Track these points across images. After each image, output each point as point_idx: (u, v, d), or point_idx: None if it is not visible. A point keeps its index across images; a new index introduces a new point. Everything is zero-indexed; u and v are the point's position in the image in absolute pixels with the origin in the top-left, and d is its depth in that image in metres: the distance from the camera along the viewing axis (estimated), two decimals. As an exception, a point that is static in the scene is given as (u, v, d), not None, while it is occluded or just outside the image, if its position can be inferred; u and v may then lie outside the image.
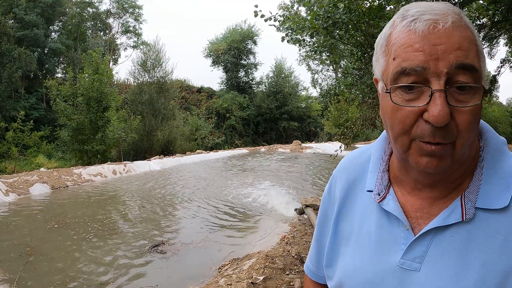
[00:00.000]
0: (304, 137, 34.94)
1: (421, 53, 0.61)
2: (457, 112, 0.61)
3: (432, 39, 0.60)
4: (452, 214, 0.67)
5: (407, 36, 0.63)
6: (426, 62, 0.60)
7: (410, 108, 0.63)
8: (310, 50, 7.08)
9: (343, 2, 5.16)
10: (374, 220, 0.77)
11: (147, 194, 9.62)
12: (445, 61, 0.60)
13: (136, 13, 36.29)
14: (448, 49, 0.60)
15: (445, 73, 0.60)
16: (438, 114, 0.59)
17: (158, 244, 5.74)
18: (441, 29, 0.61)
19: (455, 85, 0.60)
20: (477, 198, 0.67)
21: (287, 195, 9.42)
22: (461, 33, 0.61)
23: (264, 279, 3.84)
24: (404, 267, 0.70)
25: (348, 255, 0.81)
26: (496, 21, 9.93)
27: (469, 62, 0.60)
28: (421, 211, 0.72)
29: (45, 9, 25.84)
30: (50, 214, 7.48)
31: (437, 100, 0.59)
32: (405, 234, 0.71)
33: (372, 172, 0.81)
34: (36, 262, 5.01)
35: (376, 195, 0.77)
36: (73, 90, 17.27)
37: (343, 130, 7.64)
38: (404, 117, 0.63)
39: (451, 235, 0.67)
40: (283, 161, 17.40)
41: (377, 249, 0.75)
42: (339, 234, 0.85)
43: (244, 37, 35.60)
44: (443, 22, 0.61)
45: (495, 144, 0.72)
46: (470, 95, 0.61)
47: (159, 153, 20.59)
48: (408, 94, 0.63)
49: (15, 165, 16.22)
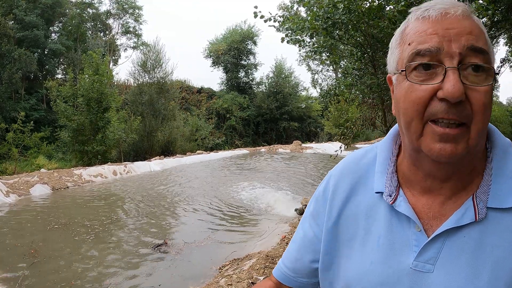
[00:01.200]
0: (304, 137, 34.89)
1: (435, 36, 0.64)
2: (471, 91, 0.62)
3: (445, 24, 0.65)
4: (465, 215, 0.67)
5: (421, 24, 0.67)
6: (440, 43, 0.63)
7: (424, 87, 0.64)
8: (310, 51, 7.09)
9: (342, 2, 5.17)
10: (383, 222, 0.76)
11: (148, 195, 9.63)
12: (457, 42, 0.63)
13: (136, 14, 36.25)
14: (460, 32, 0.64)
15: (458, 53, 0.63)
16: (453, 89, 0.61)
17: (161, 244, 5.76)
18: (452, 16, 0.65)
19: (468, 65, 0.63)
20: (488, 198, 0.68)
21: (287, 195, 9.43)
22: (471, 21, 0.66)
23: (264, 279, 3.84)
24: (417, 269, 0.70)
25: (354, 258, 0.79)
26: (496, 20, 9.93)
27: (480, 45, 0.64)
28: (433, 211, 0.72)
29: (45, 10, 25.83)
30: (51, 215, 7.48)
31: (451, 76, 0.62)
32: (417, 236, 0.71)
33: (380, 173, 0.80)
34: (39, 263, 5.02)
35: (387, 196, 0.76)
36: (73, 91, 17.26)
37: (343, 131, 7.65)
38: (419, 97, 0.65)
39: (464, 236, 0.67)
40: (283, 161, 17.41)
41: (387, 251, 0.74)
42: (339, 236, 0.82)
43: (244, 38, 35.55)
44: (454, 10, 0.66)
45: (502, 146, 0.73)
46: (483, 76, 0.64)
47: (159, 153, 20.58)
48: (422, 75, 0.65)
49: (16, 166, 16.22)
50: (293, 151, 22.09)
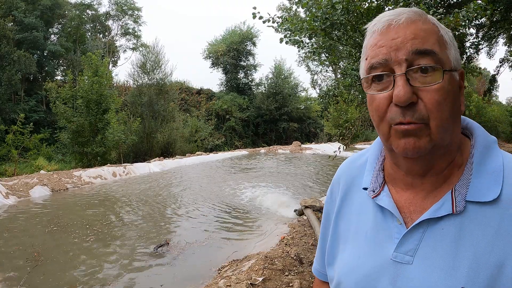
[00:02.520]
0: (304, 138, 34.90)
1: (383, 48, 0.70)
2: (423, 92, 0.67)
3: (391, 35, 0.70)
4: (443, 207, 0.70)
5: (373, 38, 0.73)
6: (387, 54, 0.69)
7: (381, 95, 0.70)
8: (309, 51, 7.09)
9: (341, 3, 5.17)
10: (371, 217, 0.80)
11: (147, 196, 9.62)
12: (403, 50, 0.68)
13: (135, 15, 36.31)
14: (404, 40, 0.68)
15: (404, 59, 0.67)
16: (399, 93, 0.66)
17: (163, 244, 5.78)
18: (395, 26, 0.70)
19: (415, 67, 0.67)
20: (467, 192, 0.70)
21: (286, 196, 9.43)
22: (416, 26, 0.70)
23: (264, 280, 3.84)
24: (397, 260, 0.72)
25: (346, 253, 0.83)
26: (495, 20, 9.95)
27: (426, 47, 0.68)
28: (414, 206, 0.75)
29: (44, 12, 25.85)
30: (50, 217, 7.48)
31: (399, 82, 0.67)
32: (398, 229, 0.74)
33: (368, 171, 0.86)
34: (41, 265, 5.01)
35: (371, 191, 0.81)
36: (73, 93, 17.24)
37: (341, 131, 7.65)
38: (378, 105, 0.71)
39: (442, 228, 0.69)
40: (283, 162, 17.41)
41: (372, 245, 0.77)
42: (338, 233, 0.88)
43: (243, 39, 35.58)
44: (397, 20, 0.70)
45: (484, 141, 0.75)
46: (433, 76, 0.67)
47: (159, 155, 20.58)
48: (378, 85, 0.71)
49: (15, 167, 16.19)
50: (292, 152, 22.09)
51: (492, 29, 11.56)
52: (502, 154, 0.74)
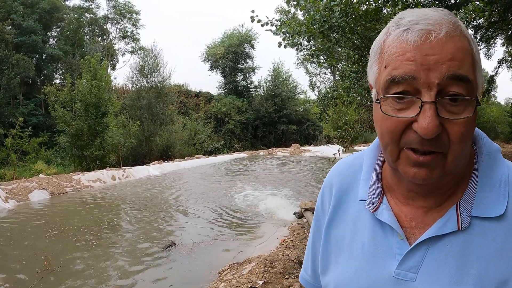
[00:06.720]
0: (303, 140, 34.88)
1: (412, 63, 0.59)
2: (449, 123, 0.59)
3: (424, 50, 0.59)
4: (448, 223, 0.66)
5: (399, 45, 0.61)
6: (416, 72, 0.59)
7: (399, 118, 0.62)
8: (307, 54, 7.11)
9: (339, 5, 5.18)
10: (368, 229, 0.75)
11: (147, 199, 9.61)
12: (437, 71, 0.58)
13: (134, 19, 36.33)
14: (440, 59, 0.58)
15: (436, 84, 0.58)
16: (427, 127, 0.58)
17: (170, 244, 5.87)
18: (433, 40, 0.59)
19: (447, 97, 0.59)
20: (472, 207, 0.66)
21: (286, 199, 9.42)
22: (455, 44, 0.60)
23: (264, 283, 3.83)
24: (400, 277, 0.69)
25: (341, 264, 0.79)
26: (493, 21, 9.97)
27: (463, 73, 0.59)
28: (416, 221, 0.70)
29: (43, 15, 25.83)
30: (50, 221, 7.46)
31: (427, 112, 0.58)
32: (400, 244, 0.70)
33: (364, 181, 0.80)
34: (42, 269, 4.99)
35: (369, 204, 0.76)
36: (72, 96, 17.23)
37: (341, 134, 7.66)
38: (393, 126, 0.62)
39: (447, 245, 0.66)
40: (282, 164, 17.40)
41: (371, 259, 0.73)
42: (331, 242, 0.83)
43: (242, 41, 35.60)
44: (436, 33, 0.59)
45: (489, 152, 0.71)
46: (462, 106, 0.60)
47: (158, 158, 20.55)
48: (398, 104, 0.62)
49: (14, 171, 16.15)
50: (292, 154, 22.09)
51: (490, 30, 11.60)
52: (507, 165, 0.70)
